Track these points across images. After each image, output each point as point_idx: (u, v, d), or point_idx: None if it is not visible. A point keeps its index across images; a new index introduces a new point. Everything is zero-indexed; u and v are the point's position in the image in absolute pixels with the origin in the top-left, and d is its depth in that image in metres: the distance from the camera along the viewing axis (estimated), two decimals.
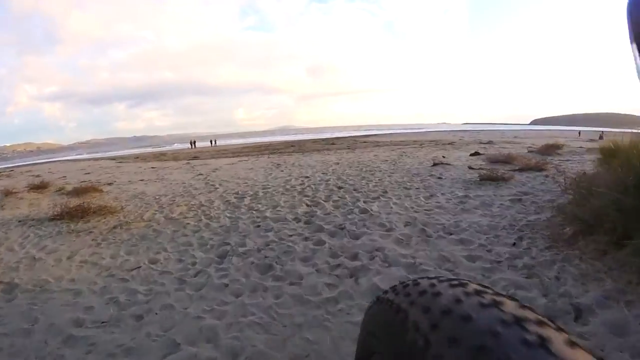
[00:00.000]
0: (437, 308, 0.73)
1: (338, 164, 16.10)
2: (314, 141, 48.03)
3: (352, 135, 72.40)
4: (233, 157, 27.80)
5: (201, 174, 15.73)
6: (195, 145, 62.14)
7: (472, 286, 0.78)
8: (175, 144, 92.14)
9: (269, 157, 23.33)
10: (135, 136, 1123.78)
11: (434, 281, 0.83)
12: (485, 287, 0.78)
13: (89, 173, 20.91)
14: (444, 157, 16.41)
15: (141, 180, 15.11)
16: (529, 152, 17.24)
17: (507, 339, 0.61)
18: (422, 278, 0.88)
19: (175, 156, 35.83)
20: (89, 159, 45.58)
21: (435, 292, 0.78)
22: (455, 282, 0.80)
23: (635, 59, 0.99)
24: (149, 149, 79.89)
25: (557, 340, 0.61)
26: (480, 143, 27.27)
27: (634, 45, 0.99)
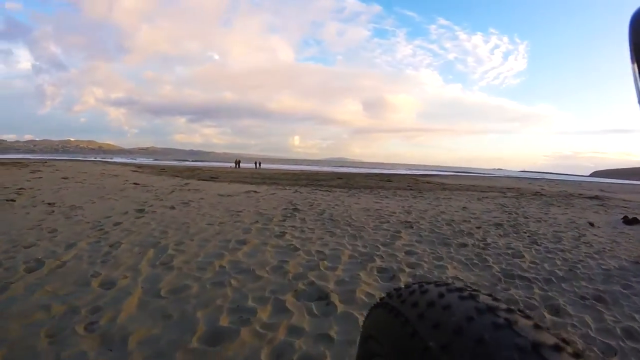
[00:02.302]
0: (423, 301, 0.87)
1: (407, 219, 9.60)
2: (367, 176, 41.52)
3: (410, 173, 65.48)
4: (252, 183, 21.29)
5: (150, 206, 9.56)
6: (239, 165, 58.64)
7: (454, 285, 0.92)
8: (222, 162, 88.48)
9: (296, 192, 16.45)
10: (192, 150, 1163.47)
11: (423, 283, 0.98)
12: (466, 286, 0.94)
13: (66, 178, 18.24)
14: (591, 223, 10.99)
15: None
16: None
17: (480, 322, 0.74)
18: (414, 283, 1.02)
19: (198, 173, 30.48)
20: (117, 163, 46.26)
21: (423, 290, 0.93)
22: (440, 283, 0.95)
23: (636, 81, 0.99)
24: (191, 163, 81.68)
25: (523, 323, 0.73)
26: (583, 197, 22.94)
27: (635, 66, 1.00)
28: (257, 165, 60.53)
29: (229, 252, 5.61)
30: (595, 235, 9.06)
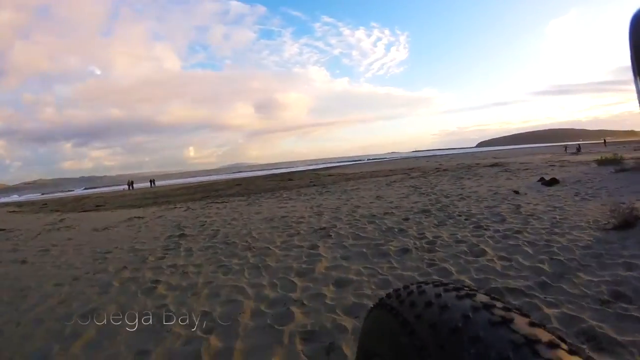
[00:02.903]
0: (420, 301, 0.85)
1: (321, 225, 7.99)
2: (266, 178, 39.36)
3: (310, 169, 64.22)
4: (140, 207, 18.23)
5: None
6: (132, 187, 54.24)
7: (452, 285, 0.89)
8: (116, 186, 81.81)
9: (187, 209, 14.07)
10: (83, 176, 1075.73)
11: (421, 284, 0.95)
12: (464, 286, 0.90)
13: None
14: (515, 191, 10.47)
15: None
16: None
17: (476, 319, 0.72)
18: (412, 284, 0.99)
19: (83, 204, 26.17)
20: None
21: (420, 290, 0.90)
22: (438, 283, 0.93)
23: (636, 81, 0.96)
24: (81, 192, 73.89)
25: (519, 320, 0.70)
26: (484, 166, 23.85)
27: (637, 76, 0.96)
28: (152, 183, 57.02)
29: (61, 344, 3.30)
30: (530, 203, 8.30)
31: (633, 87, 0.98)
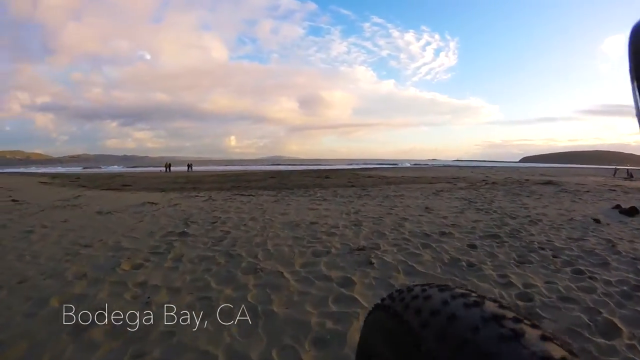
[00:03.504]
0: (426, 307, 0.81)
1: (359, 242, 6.10)
2: (303, 173, 37.55)
3: (349, 168, 62.24)
4: (164, 190, 17.10)
5: None
6: (170, 169, 55.19)
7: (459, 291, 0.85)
8: (155, 167, 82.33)
9: (208, 199, 12.63)
10: (125, 155, 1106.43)
11: (425, 286, 0.91)
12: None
13: None
14: (596, 220, 8.42)
15: None
16: None
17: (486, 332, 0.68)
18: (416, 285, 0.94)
19: (113, 181, 25.67)
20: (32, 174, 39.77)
21: (426, 295, 0.86)
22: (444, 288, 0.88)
23: (635, 98, 0.94)
24: (118, 169, 77.31)
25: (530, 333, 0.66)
26: (537, 183, 21.27)
27: (635, 84, 0.94)
28: (189, 168, 57.49)
29: None
30: (621, 238, 6.48)
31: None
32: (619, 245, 5.85)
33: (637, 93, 0.91)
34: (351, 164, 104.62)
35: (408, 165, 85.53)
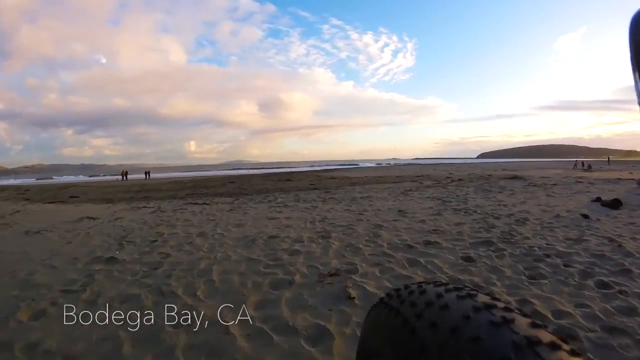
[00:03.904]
0: (421, 301, 0.83)
1: (331, 260, 4.98)
2: (264, 176, 36.13)
3: (311, 169, 61.17)
4: (111, 201, 15.42)
5: None
6: (127, 177, 53.34)
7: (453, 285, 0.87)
8: (112, 176, 79.27)
9: (156, 210, 11.24)
10: (82, 164, 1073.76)
11: (422, 283, 0.93)
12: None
13: None
14: (584, 215, 7.85)
15: None
16: None
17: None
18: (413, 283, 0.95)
19: (64, 192, 23.67)
20: None
21: (421, 290, 0.88)
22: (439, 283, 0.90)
23: (637, 87, 0.96)
24: (71, 179, 71.29)
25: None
26: (504, 178, 20.90)
27: (636, 74, 0.96)
28: (147, 175, 56.12)
29: None
30: (622, 235, 5.86)
31: (636, 107, 0.96)
32: (625, 244, 5.17)
33: (639, 81, 0.93)
34: (313, 166, 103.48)
35: (369, 165, 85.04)
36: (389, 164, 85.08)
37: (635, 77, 0.95)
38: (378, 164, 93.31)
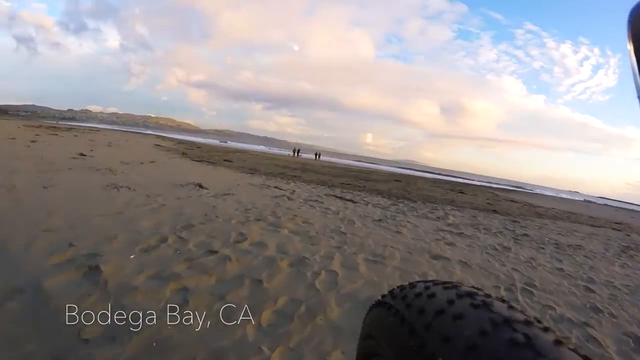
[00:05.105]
0: (411, 293, 0.85)
1: None
2: (433, 182, 32.62)
3: (486, 185, 55.46)
4: (251, 174, 13.84)
5: None
6: (298, 154, 57.92)
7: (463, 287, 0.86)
8: (284, 150, 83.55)
9: (280, 197, 8.96)
10: (266, 136, 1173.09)
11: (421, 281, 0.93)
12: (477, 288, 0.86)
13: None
14: None
15: None
16: None
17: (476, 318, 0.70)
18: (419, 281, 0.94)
19: (225, 155, 24.54)
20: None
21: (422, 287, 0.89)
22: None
23: (635, 77, 0.89)
24: (248, 147, 76.73)
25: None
26: None
27: (636, 68, 0.89)
28: (317, 156, 58.42)
29: None
30: None
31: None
32: None
33: (638, 74, 0.88)
34: (486, 182, 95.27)
35: (551, 195, 74.98)
36: (575, 199, 73.53)
37: (634, 72, 0.87)
38: (560, 196, 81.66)
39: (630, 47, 0.89)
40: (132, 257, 3.47)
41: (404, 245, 5.50)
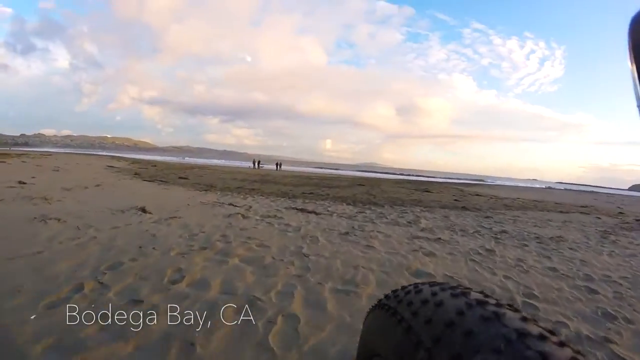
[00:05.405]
0: (417, 300, 0.90)
1: None
2: (397, 183, 32.41)
3: (450, 182, 55.90)
4: (204, 191, 12.91)
5: None
6: (258, 166, 56.92)
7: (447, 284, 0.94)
8: (248, 163, 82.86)
9: (238, 213, 7.97)
10: (225, 150, 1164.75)
11: (417, 284, 1.00)
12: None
13: None
14: None
15: None
16: None
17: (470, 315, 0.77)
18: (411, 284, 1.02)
19: (178, 172, 23.20)
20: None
21: (417, 289, 0.95)
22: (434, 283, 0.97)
23: (635, 84, 0.93)
24: (205, 161, 76.56)
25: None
26: None
27: (634, 68, 0.93)
28: (278, 166, 57.58)
29: None
30: None
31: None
32: None
33: (637, 82, 0.89)
34: (448, 178, 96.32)
35: (510, 184, 76.33)
36: (536, 186, 75.32)
37: (633, 79, 0.89)
38: (523, 185, 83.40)
39: (630, 55, 0.90)
40: (32, 317, 2.61)
41: (377, 262, 4.71)
